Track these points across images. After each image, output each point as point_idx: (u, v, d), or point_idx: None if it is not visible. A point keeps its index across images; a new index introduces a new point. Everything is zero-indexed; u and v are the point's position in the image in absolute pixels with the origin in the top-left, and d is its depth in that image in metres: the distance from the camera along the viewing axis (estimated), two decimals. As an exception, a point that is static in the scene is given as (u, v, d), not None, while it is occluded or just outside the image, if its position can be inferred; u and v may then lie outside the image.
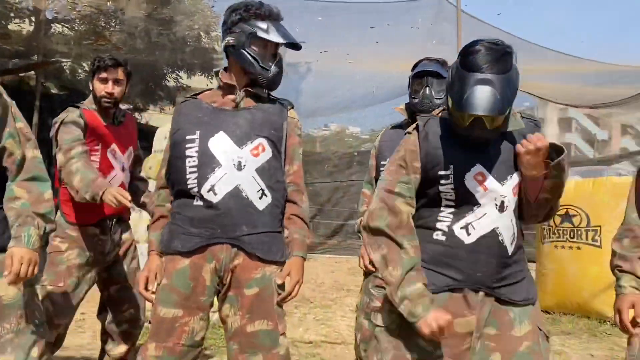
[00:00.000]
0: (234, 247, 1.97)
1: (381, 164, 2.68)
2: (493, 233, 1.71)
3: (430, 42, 10.01)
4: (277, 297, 2.00)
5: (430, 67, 2.60)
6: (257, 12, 2.03)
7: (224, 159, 1.98)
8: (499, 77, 1.60)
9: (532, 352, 1.68)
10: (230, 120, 2.03)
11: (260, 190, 2.01)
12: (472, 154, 1.71)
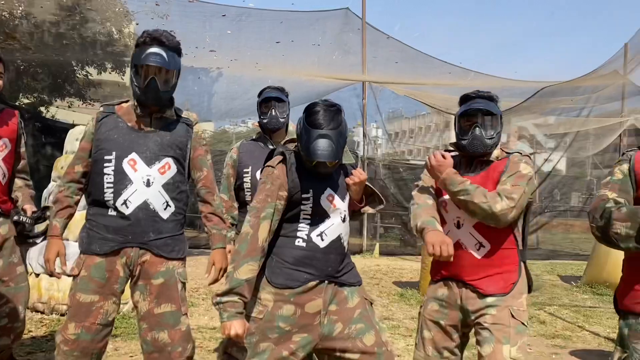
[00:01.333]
0: (142, 249, 2.41)
1: (244, 171, 3.12)
2: (339, 238, 2.28)
3: (337, 51, 10.66)
4: (180, 286, 2.47)
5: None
6: (139, 40, 2.46)
7: (135, 177, 2.41)
8: (334, 131, 2.16)
9: (363, 316, 2.27)
10: (141, 142, 2.45)
11: (165, 202, 2.48)
12: (323, 181, 2.27)
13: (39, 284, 4.81)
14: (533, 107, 9.23)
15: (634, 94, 12.70)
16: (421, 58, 10.64)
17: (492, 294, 2.26)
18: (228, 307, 2.08)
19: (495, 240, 2.28)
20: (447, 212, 2.39)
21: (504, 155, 2.37)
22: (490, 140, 2.31)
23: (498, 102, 2.40)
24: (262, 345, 2.16)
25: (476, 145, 2.31)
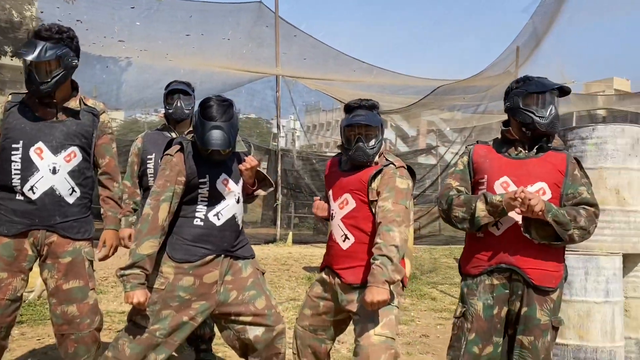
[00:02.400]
0: (48, 231, 2.57)
1: (147, 158, 3.35)
2: (233, 217, 2.58)
3: (250, 44, 10.84)
4: (88, 263, 2.65)
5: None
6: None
7: (41, 165, 2.55)
8: (226, 123, 2.45)
9: (255, 284, 2.59)
10: (47, 132, 2.59)
11: (71, 188, 2.64)
12: (218, 167, 2.55)
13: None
14: (431, 104, 9.98)
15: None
16: (332, 54, 11.08)
17: (354, 283, 2.49)
18: (131, 279, 2.32)
19: (359, 235, 2.51)
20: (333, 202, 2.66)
21: (383, 162, 2.55)
22: (371, 150, 2.52)
23: (379, 109, 2.65)
24: (164, 312, 2.42)
25: (359, 155, 2.52)
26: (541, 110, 2.35)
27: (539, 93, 2.37)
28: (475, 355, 2.29)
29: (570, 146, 4.06)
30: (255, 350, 2.58)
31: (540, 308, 2.30)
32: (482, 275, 2.35)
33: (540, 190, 2.35)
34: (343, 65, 10.83)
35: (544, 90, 2.36)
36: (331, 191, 2.65)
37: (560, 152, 2.44)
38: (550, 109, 2.34)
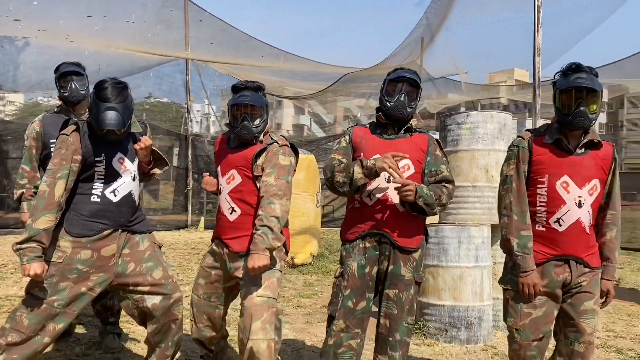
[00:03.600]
0: None
1: (50, 141, 3.29)
2: (130, 193, 2.72)
3: (159, 26, 10.64)
4: None
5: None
6: None
7: None
8: (120, 105, 2.58)
9: (152, 256, 2.77)
10: None
11: None
12: (114, 146, 2.68)
13: None
14: (339, 91, 10.36)
15: (425, 81, 14.83)
16: (242, 38, 11.12)
17: (240, 251, 2.72)
18: (27, 252, 2.42)
19: (245, 207, 2.75)
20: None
21: (268, 141, 2.82)
22: (256, 128, 2.74)
23: (263, 91, 2.89)
24: (62, 284, 2.54)
25: (245, 133, 2.74)
26: (392, 96, 2.69)
27: (393, 81, 2.71)
28: (350, 308, 2.62)
29: (448, 130, 4.54)
30: (154, 317, 2.76)
31: (404, 266, 2.66)
32: (357, 240, 2.68)
33: (405, 166, 2.70)
34: (253, 50, 10.90)
35: (397, 78, 2.70)
36: (219, 167, 2.88)
37: (423, 133, 2.81)
38: (400, 96, 2.67)
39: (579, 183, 2.43)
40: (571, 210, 2.44)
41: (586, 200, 2.44)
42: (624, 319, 5.09)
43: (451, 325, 4.13)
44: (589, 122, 2.37)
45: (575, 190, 2.43)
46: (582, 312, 2.47)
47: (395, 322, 2.65)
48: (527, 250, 2.46)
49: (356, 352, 2.62)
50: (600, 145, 2.47)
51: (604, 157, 2.47)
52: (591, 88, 2.33)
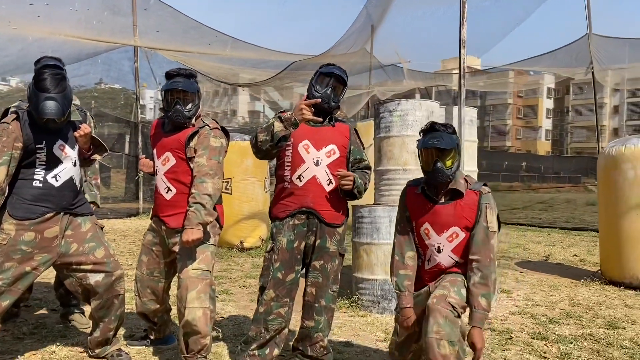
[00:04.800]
0: None
1: None
2: (71, 178, 2.89)
3: (106, 12, 10.52)
4: None
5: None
6: None
7: None
8: (60, 95, 2.74)
9: (94, 237, 2.96)
10: None
11: None
12: (55, 134, 2.84)
13: None
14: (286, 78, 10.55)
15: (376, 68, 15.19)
16: (191, 24, 11.12)
17: (176, 227, 2.94)
18: None
19: (179, 187, 2.97)
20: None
21: (200, 124, 3.02)
22: (188, 112, 2.96)
23: (195, 78, 3.11)
24: (6, 264, 2.70)
25: (178, 117, 2.95)
26: (320, 87, 2.95)
27: (324, 75, 2.97)
28: (280, 279, 2.89)
29: (381, 117, 4.86)
30: (97, 294, 2.96)
31: (330, 240, 2.94)
32: (287, 217, 2.94)
33: (331, 151, 2.97)
34: (201, 37, 10.92)
35: (327, 73, 2.97)
36: (155, 150, 3.08)
37: (345, 123, 3.10)
38: (327, 90, 2.94)
39: (437, 230, 2.63)
40: (433, 255, 2.66)
41: (445, 246, 2.62)
42: (544, 289, 5.58)
43: (383, 297, 4.47)
44: (445, 178, 2.56)
45: (435, 237, 2.64)
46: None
47: (321, 290, 2.94)
48: (402, 288, 2.69)
49: (285, 319, 2.90)
50: (462, 195, 2.60)
51: (468, 206, 2.60)
52: (443, 148, 2.53)
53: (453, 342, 2.39)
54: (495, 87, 23.98)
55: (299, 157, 2.92)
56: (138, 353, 3.26)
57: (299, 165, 2.92)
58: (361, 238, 4.65)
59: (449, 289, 2.54)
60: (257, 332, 2.88)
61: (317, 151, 2.93)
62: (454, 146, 2.57)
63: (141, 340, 3.41)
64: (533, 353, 3.54)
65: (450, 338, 2.39)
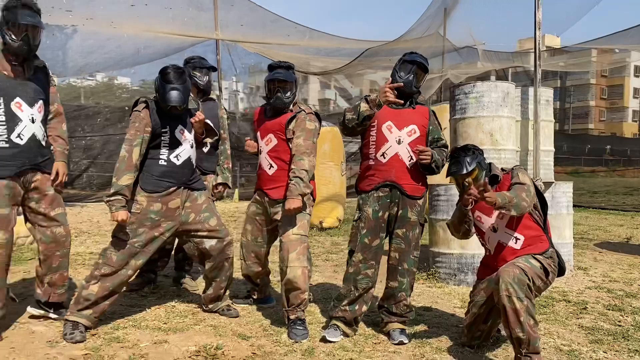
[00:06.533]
0: (35, 169, 3.21)
1: None
2: (189, 158, 3.39)
3: (190, 8, 11.27)
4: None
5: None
6: (9, 4, 3.07)
7: (23, 116, 3.14)
8: (182, 85, 3.23)
9: (208, 208, 3.45)
10: (21, 88, 3.12)
11: (43, 133, 3.27)
12: (176, 120, 3.33)
13: None
14: (360, 65, 10.84)
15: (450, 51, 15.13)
16: (270, 17, 11.67)
17: (278, 199, 3.41)
18: (115, 203, 3.12)
19: (280, 164, 3.42)
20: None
21: (297, 110, 3.45)
22: (287, 99, 3.40)
23: (293, 69, 3.54)
24: (139, 230, 3.25)
25: (278, 103, 3.40)
26: (402, 74, 3.27)
27: (407, 62, 3.30)
28: (367, 244, 3.26)
29: (457, 100, 5.08)
30: (211, 256, 3.46)
31: (411, 210, 3.28)
32: (372, 190, 3.30)
33: (412, 130, 3.29)
34: (280, 29, 11.45)
35: (411, 61, 3.29)
36: (259, 132, 3.54)
37: (424, 105, 3.41)
38: (409, 76, 3.27)
39: (488, 214, 3.12)
40: (491, 237, 3.14)
41: (499, 224, 3.08)
42: (623, 268, 5.61)
43: (459, 270, 4.74)
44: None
45: (487, 219, 3.13)
46: None
47: (403, 254, 3.29)
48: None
49: (371, 279, 3.27)
50: (499, 179, 3.13)
51: (505, 185, 3.07)
52: (463, 174, 3.03)
53: (521, 298, 2.70)
54: (577, 67, 22.96)
55: (383, 136, 3.26)
56: (243, 310, 3.76)
57: (382, 144, 3.26)
58: (437, 215, 4.93)
59: (518, 260, 2.90)
60: (348, 290, 3.27)
61: (399, 131, 3.26)
62: (474, 167, 3.03)
63: (245, 299, 3.92)
64: (607, 322, 3.70)
65: (518, 295, 2.70)
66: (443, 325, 3.61)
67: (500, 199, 2.76)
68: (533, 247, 2.98)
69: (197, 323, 3.44)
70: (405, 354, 3.07)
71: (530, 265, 2.86)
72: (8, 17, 3.05)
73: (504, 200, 2.77)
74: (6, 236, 3.08)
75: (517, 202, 2.82)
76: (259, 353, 2.97)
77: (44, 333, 3.15)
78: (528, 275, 2.80)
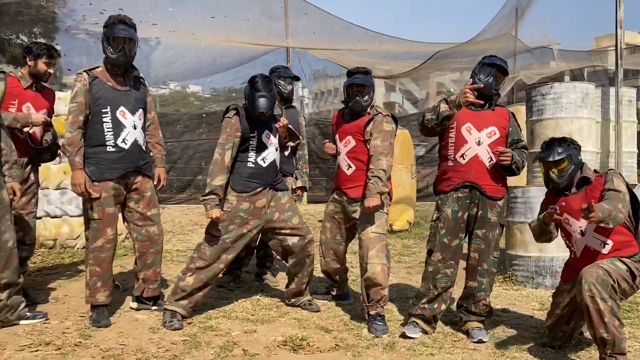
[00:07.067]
0: (137, 172, 3.54)
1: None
2: (274, 160, 3.61)
3: (262, 18, 11.69)
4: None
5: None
6: (108, 22, 3.41)
7: (126, 123, 3.46)
8: (269, 93, 3.46)
9: (291, 208, 3.65)
10: (124, 98, 3.45)
11: (143, 138, 3.59)
12: (263, 125, 3.55)
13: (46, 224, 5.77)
14: (431, 67, 10.81)
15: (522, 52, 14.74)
16: (340, 24, 11.88)
17: (356, 197, 3.57)
18: (209, 202, 3.38)
19: (358, 164, 3.57)
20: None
21: (374, 112, 3.61)
22: (365, 103, 3.57)
23: (370, 74, 3.69)
24: (230, 227, 3.49)
25: (357, 106, 3.57)
26: (481, 76, 3.33)
27: (487, 65, 3.35)
28: (445, 244, 3.33)
29: (533, 101, 5.03)
30: (293, 253, 3.66)
31: (491, 211, 3.32)
32: (451, 191, 3.37)
33: (492, 132, 3.34)
34: (349, 35, 11.63)
35: (490, 64, 3.34)
36: (337, 135, 3.71)
37: (503, 107, 3.45)
38: (489, 79, 3.32)
39: (575, 217, 3.07)
40: (578, 241, 3.12)
41: (587, 228, 3.05)
42: None
43: (537, 273, 4.69)
44: (556, 185, 3.15)
45: (575, 223, 3.09)
46: None
47: (483, 255, 3.34)
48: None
49: (450, 278, 3.34)
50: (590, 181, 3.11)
51: (597, 188, 3.06)
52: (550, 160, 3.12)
53: (605, 298, 2.69)
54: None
55: (462, 138, 3.33)
56: (323, 305, 3.93)
57: (462, 145, 3.33)
58: (515, 217, 4.89)
59: (602, 261, 2.88)
60: (427, 289, 3.36)
61: (479, 132, 3.32)
62: (563, 157, 3.08)
63: (324, 295, 4.09)
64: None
65: (602, 295, 2.69)
66: (522, 326, 3.62)
67: (600, 213, 2.74)
68: (621, 251, 2.95)
69: (282, 316, 3.64)
70: (485, 351, 3.12)
71: (615, 267, 2.84)
72: (108, 33, 3.39)
73: (604, 214, 2.76)
74: (113, 232, 3.42)
75: (615, 215, 2.80)
76: (342, 345, 3.12)
77: (145, 321, 3.45)
78: (612, 277, 2.77)
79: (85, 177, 3.36)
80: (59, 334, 3.14)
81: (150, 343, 3.04)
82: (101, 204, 3.38)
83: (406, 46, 11.72)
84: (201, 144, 11.61)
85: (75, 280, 4.50)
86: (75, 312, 3.57)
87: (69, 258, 5.43)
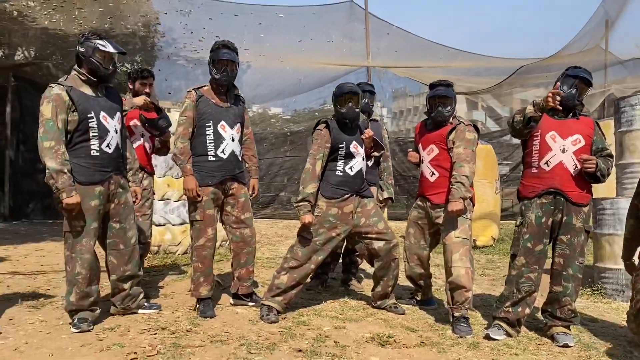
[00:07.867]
0: (233, 179, 3.93)
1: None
2: (360, 169, 3.87)
3: (344, 39, 12.13)
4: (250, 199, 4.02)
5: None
6: (214, 47, 3.86)
7: (226, 135, 3.87)
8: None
9: (376, 213, 3.87)
10: (225, 114, 3.87)
11: (239, 149, 3.98)
12: (351, 136, 3.83)
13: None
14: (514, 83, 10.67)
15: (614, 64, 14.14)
16: (421, 43, 12.08)
17: (439, 203, 3.76)
18: (302, 207, 3.70)
19: (441, 171, 3.77)
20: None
21: (456, 122, 3.81)
22: (447, 113, 3.79)
23: (452, 87, 3.89)
24: (320, 230, 3.78)
25: (439, 116, 3.79)
26: (565, 88, 3.41)
27: (571, 77, 3.44)
28: (529, 248, 3.41)
29: (622, 112, 4.96)
30: (379, 256, 3.88)
31: (576, 217, 3.37)
32: (535, 197, 3.46)
33: (576, 139, 3.41)
34: (430, 52, 11.79)
35: (574, 76, 3.43)
36: (420, 144, 3.93)
37: (587, 117, 3.52)
38: (572, 90, 3.40)
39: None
40: None
41: None
42: None
43: (627, 286, 4.58)
44: None
45: None
46: None
47: (568, 260, 3.38)
48: None
49: (534, 283, 3.41)
50: None
51: None
52: None
53: None
54: None
55: (547, 145, 3.43)
56: (408, 309, 4.10)
57: (546, 152, 3.43)
58: (603, 229, 4.82)
59: None
60: (510, 292, 3.45)
61: (564, 140, 3.40)
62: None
63: (409, 299, 4.26)
64: None
65: None
66: (610, 334, 3.60)
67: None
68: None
69: (369, 316, 3.86)
70: (570, 355, 3.16)
71: None
72: (213, 56, 3.84)
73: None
74: (213, 232, 3.83)
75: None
76: (427, 343, 3.29)
77: (245, 314, 3.80)
78: None
79: (196, 182, 3.78)
80: (172, 321, 3.55)
81: (251, 332, 3.37)
82: (202, 207, 3.79)
83: (487, 62, 11.67)
84: (286, 160, 12.15)
85: (180, 279, 4.97)
86: (183, 305, 3.99)
87: (172, 262, 5.97)
